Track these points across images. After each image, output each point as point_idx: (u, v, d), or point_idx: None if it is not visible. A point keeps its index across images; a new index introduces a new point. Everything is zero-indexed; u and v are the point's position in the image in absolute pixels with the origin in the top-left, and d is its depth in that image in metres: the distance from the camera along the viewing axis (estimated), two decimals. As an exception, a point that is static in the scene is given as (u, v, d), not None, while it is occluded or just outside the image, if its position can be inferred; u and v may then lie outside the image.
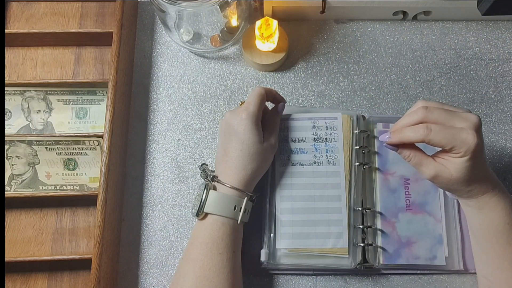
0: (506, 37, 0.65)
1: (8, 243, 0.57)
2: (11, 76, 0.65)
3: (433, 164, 0.45)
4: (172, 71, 0.64)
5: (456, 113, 0.44)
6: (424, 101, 0.46)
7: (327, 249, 0.52)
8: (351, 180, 0.55)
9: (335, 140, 0.56)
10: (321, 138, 0.56)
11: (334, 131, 0.56)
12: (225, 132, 0.52)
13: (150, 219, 0.58)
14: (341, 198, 0.54)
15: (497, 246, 0.46)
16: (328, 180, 0.55)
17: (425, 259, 0.53)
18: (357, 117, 0.57)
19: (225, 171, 0.50)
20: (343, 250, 0.52)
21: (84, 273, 0.56)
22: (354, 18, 0.66)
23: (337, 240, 0.53)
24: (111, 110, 0.56)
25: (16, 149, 0.59)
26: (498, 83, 0.63)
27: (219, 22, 0.63)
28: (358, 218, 0.54)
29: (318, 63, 0.64)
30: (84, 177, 0.59)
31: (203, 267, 0.47)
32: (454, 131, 0.42)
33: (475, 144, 0.42)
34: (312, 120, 0.57)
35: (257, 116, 0.51)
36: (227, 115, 0.52)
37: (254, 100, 0.51)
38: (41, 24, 0.67)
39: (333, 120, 0.57)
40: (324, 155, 0.56)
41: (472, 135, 0.42)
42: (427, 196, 0.55)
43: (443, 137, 0.42)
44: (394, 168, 0.56)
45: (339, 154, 0.55)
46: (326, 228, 0.53)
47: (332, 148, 0.56)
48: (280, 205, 0.54)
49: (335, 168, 0.55)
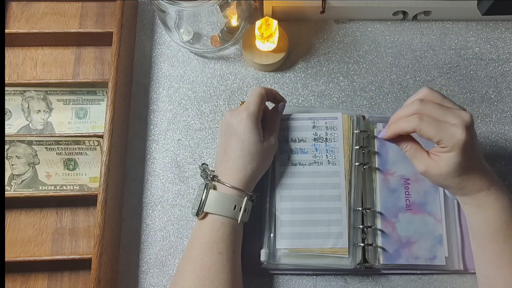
0: (506, 37, 0.65)
1: (8, 243, 0.57)
2: (11, 76, 0.65)
3: (425, 158, 0.46)
4: (172, 71, 0.64)
5: (450, 109, 0.44)
6: (428, 88, 0.46)
7: (327, 249, 0.52)
8: (351, 180, 0.55)
9: (335, 140, 0.56)
10: (321, 138, 0.56)
11: (334, 131, 0.56)
12: (225, 132, 0.52)
13: (150, 219, 0.58)
14: (341, 198, 0.54)
15: (495, 244, 0.46)
16: (328, 180, 0.55)
17: (425, 259, 0.53)
18: (357, 117, 0.57)
19: (225, 171, 0.50)
20: (343, 250, 0.52)
21: (84, 273, 0.56)
22: (354, 18, 0.66)
23: (337, 240, 0.53)
24: (111, 110, 0.56)
25: (16, 149, 0.59)
26: (498, 83, 0.63)
27: (219, 22, 0.63)
28: (358, 218, 0.54)
29: (318, 63, 0.64)
30: (84, 177, 0.59)
31: (203, 266, 0.47)
32: (445, 125, 0.43)
33: (463, 140, 0.43)
34: (312, 120, 0.57)
35: (257, 116, 0.51)
36: (227, 115, 0.52)
37: (254, 100, 0.51)
38: (41, 24, 0.67)
39: (333, 120, 0.57)
40: (324, 155, 0.56)
41: (461, 131, 0.43)
42: (427, 196, 0.55)
43: (432, 128, 0.43)
44: (394, 168, 0.56)
45: (339, 154, 0.55)
46: (326, 228, 0.53)
47: (332, 148, 0.56)
48: (280, 205, 0.54)
49: (335, 168, 0.55)
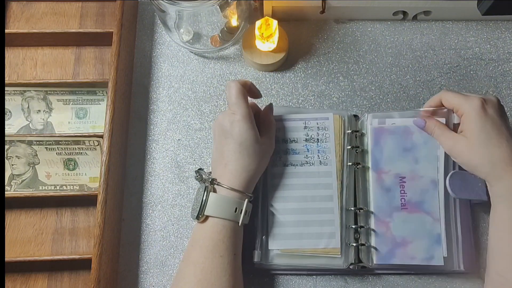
0: (506, 37, 0.65)
1: (8, 243, 0.57)
2: (11, 76, 0.65)
3: (452, 135, 0.52)
4: (172, 71, 0.64)
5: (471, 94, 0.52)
6: None
7: (320, 249, 0.52)
8: (343, 180, 0.55)
9: (326, 141, 0.56)
10: (313, 138, 0.56)
11: (326, 132, 0.56)
12: (219, 135, 0.51)
13: (150, 219, 0.58)
14: (333, 198, 0.54)
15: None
16: (320, 180, 0.55)
17: (421, 259, 0.52)
18: (348, 117, 0.57)
19: (224, 174, 0.50)
20: (335, 250, 0.52)
21: (84, 273, 0.56)
22: (354, 18, 0.66)
23: (329, 240, 0.53)
24: (111, 110, 0.56)
25: (16, 149, 0.59)
26: (498, 83, 0.63)
27: (219, 22, 0.63)
28: (350, 218, 0.54)
29: (318, 63, 0.64)
30: (84, 177, 0.59)
31: (204, 270, 0.46)
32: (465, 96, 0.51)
33: (480, 105, 0.49)
34: (304, 121, 0.57)
35: (250, 114, 0.50)
36: (220, 118, 0.51)
37: (238, 99, 0.50)
38: (41, 24, 0.67)
39: (324, 121, 0.57)
40: (316, 156, 0.56)
41: (478, 99, 0.49)
42: (424, 195, 0.54)
43: (455, 96, 0.51)
44: (389, 167, 0.55)
45: (331, 155, 0.55)
46: (319, 229, 0.53)
47: (323, 148, 0.56)
48: (273, 206, 0.54)
49: (327, 169, 0.55)
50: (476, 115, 0.48)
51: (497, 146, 0.47)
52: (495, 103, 0.50)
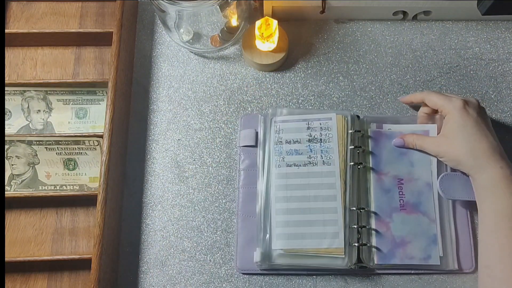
0: (506, 37, 0.65)
1: (8, 243, 0.57)
2: (11, 76, 0.65)
3: (433, 139, 0.55)
4: (172, 71, 0.64)
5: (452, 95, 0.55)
6: None
7: (323, 249, 0.52)
8: (346, 180, 0.55)
9: (329, 141, 0.56)
10: (316, 138, 0.56)
11: (329, 132, 0.56)
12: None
13: (150, 219, 0.58)
14: (337, 198, 0.54)
15: (504, 231, 0.47)
16: (323, 180, 0.55)
17: (419, 259, 0.53)
18: (351, 117, 0.57)
19: None
20: (338, 250, 0.52)
21: (84, 273, 0.56)
22: (354, 18, 0.66)
23: (332, 240, 0.53)
24: (111, 110, 0.56)
25: (16, 149, 0.59)
26: (498, 83, 0.63)
27: (219, 22, 0.63)
28: (353, 218, 0.54)
29: (318, 63, 0.64)
30: (84, 177, 0.59)
31: None
32: (448, 97, 0.54)
33: (461, 104, 0.52)
34: (307, 122, 0.57)
35: None
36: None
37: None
38: (41, 24, 0.67)
39: (327, 121, 0.57)
40: (319, 156, 0.56)
41: (460, 100, 0.53)
42: (420, 197, 0.55)
43: (438, 97, 0.54)
44: (388, 169, 0.56)
45: (334, 154, 0.56)
46: (322, 228, 0.53)
47: (326, 148, 0.56)
48: (275, 206, 0.54)
49: (330, 168, 0.55)
50: (458, 114, 0.52)
51: (478, 141, 0.51)
52: (476, 104, 0.54)
